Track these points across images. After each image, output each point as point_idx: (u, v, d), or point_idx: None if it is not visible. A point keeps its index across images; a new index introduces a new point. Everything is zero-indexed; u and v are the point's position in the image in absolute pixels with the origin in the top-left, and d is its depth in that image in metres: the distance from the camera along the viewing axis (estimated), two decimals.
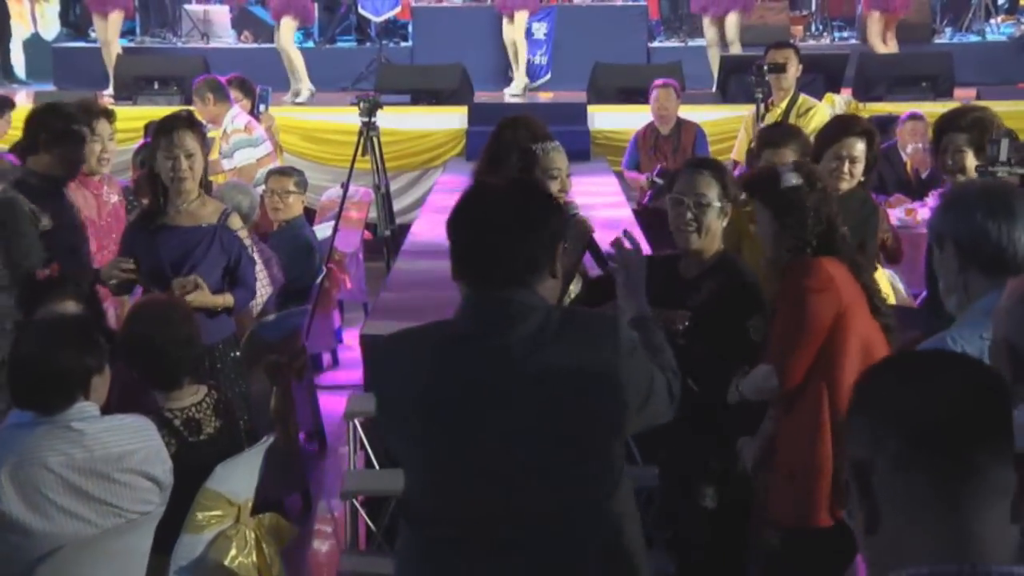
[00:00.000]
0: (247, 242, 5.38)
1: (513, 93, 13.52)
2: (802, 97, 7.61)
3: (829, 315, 3.78)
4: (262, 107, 9.30)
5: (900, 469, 1.59)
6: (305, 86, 12.66)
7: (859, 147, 5.08)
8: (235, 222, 5.27)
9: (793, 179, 3.92)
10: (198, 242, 5.07)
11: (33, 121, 5.38)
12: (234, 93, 9.17)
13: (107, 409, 3.65)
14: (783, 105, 7.54)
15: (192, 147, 5.05)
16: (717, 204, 4.11)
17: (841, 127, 5.24)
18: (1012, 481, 1.60)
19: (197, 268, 5.01)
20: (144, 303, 4.24)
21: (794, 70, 7.59)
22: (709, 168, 4.22)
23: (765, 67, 7.53)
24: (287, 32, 12.66)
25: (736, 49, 12.99)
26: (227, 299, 5.11)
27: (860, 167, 5.08)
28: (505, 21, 13.30)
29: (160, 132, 5.11)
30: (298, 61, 12.70)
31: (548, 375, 2.61)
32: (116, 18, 13.28)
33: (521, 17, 13.26)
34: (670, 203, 4.18)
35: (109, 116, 5.69)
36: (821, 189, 3.96)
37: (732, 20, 13.09)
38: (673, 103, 9.19)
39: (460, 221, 2.75)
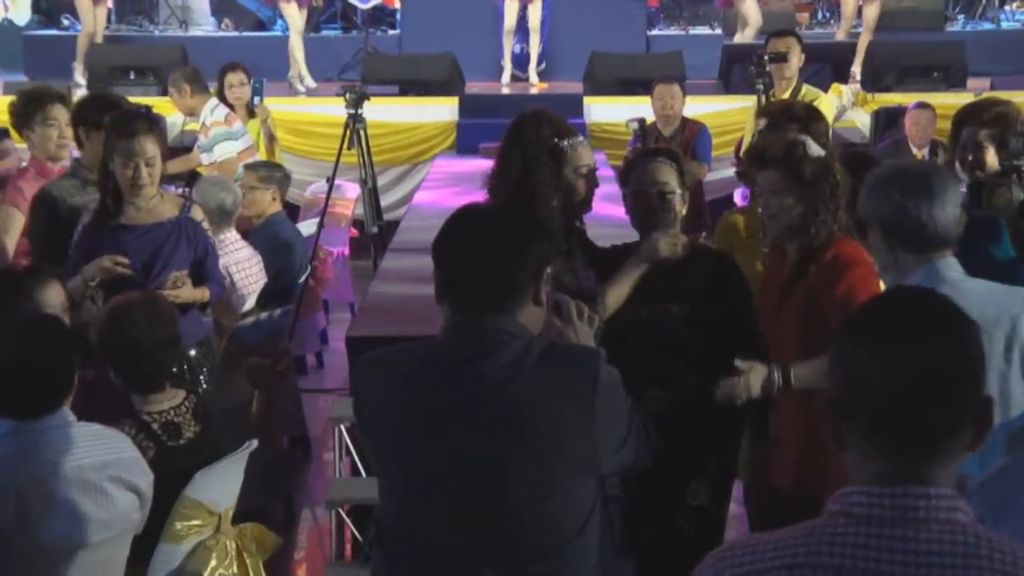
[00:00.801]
0: (210, 234, 5.38)
1: (533, 83, 13.54)
2: (805, 87, 7.61)
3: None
4: (257, 100, 9.24)
5: (866, 435, 1.85)
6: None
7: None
8: (197, 213, 5.25)
9: (817, 149, 3.96)
10: (165, 239, 5.01)
11: (75, 114, 5.48)
12: (237, 78, 9.12)
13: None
14: (786, 96, 7.53)
15: (152, 152, 4.92)
16: (679, 191, 4.18)
17: (774, 120, 5.18)
18: (967, 439, 1.85)
19: (169, 266, 4.96)
20: (127, 302, 4.19)
21: (796, 59, 7.58)
22: (666, 156, 4.28)
23: (766, 57, 7.53)
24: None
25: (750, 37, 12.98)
26: (204, 292, 5.08)
27: None
28: (509, 8, 13.27)
29: (118, 135, 4.93)
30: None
31: (523, 408, 2.66)
32: (102, 9, 13.28)
33: (537, 5, 13.25)
34: (632, 195, 4.22)
35: (64, 100, 5.67)
36: (837, 163, 4.01)
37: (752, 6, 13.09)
38: (678, 101, 8.59)
39: (443, 244, 2.82)
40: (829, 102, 7.53)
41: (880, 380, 1.82)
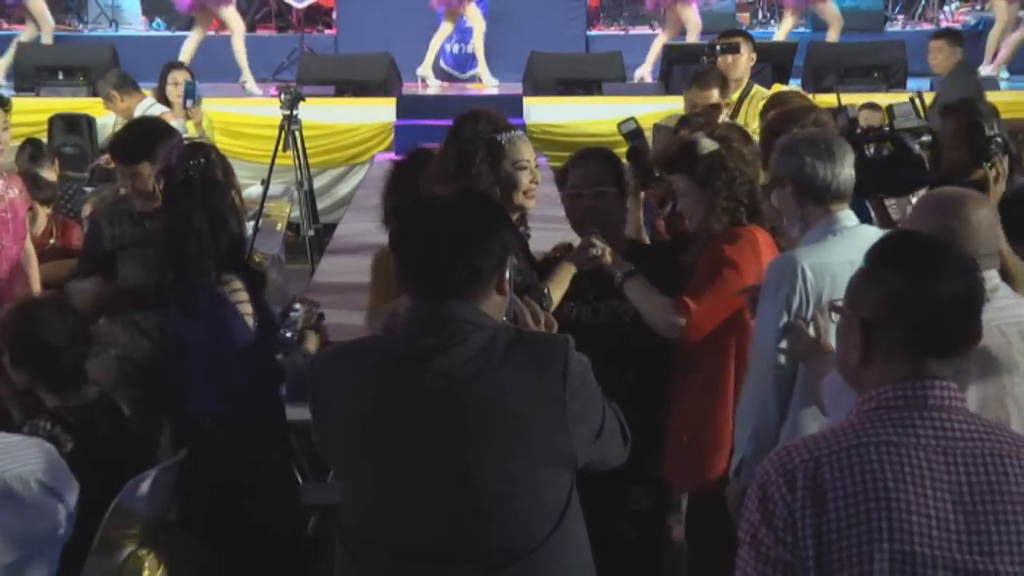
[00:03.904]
0: None
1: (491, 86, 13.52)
2: (756, 87, 7.60)
3: (748, 283, 3.95)
4: (189, 103, 9.05)
5: (893, 345, 2.28)
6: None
7: None
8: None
9: (709, 145, 4.11)
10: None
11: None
12: (182, 75, 8.99)
13: None
14: (735, 96, 7.53)
15: None
16: (613, 190, 4.23)
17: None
18: (967, 347, 2.32)
19: None
20: (29, 302, 4.12)
21: (747, 59, 7.59)
22: (602, 156, 4.33)
23: (718, 47, 7.55)
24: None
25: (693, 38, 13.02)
26: None
27: None
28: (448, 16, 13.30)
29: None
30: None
31: (490, 403, 2.63)
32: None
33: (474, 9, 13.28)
34: (568, 197, 4.26)
35: (4, 104, 5.58)
36: (737, 151, 4.14)
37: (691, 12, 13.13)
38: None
39: (404, 232, 2.79)
40: None
41: (912, 297, 2.26)
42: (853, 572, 2.17)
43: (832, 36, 13.30)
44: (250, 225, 8.41)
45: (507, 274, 2.77)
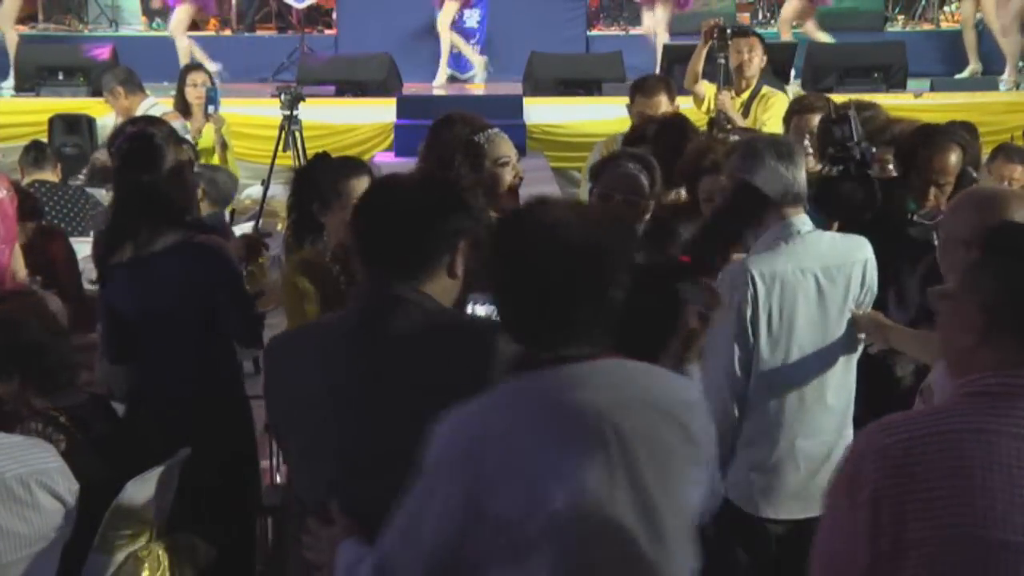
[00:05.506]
0: None
1: (437, 84, 13.52)
2: (765, 88, 7.58)
3: None
4: (211, 108, 8.93)
5: (1011, 330, 2.32)
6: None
7: None
8: None
9: None
10: None
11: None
12: (200, 77, 8.98)
13: None
14: (745, 96, 7.52)
15: None
16: (643, 201, 4.22)
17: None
18: None
19: None
20: (10, 307, 4.05)
21: (759, 60, 7.57)
22: (641, 162, 4.29)
23: (729, 30, 7.52)
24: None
25: (664, 39, 13.00)
26: None
27: None
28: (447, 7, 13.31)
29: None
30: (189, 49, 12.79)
31: (417, 381, 2.65)
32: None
33: (451, 7, 13.25)
34: (598, 197, 4.24)
35: None
36: None
37: (661, 11, 13.10)
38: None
39: (360, 211, 2.84)
40: (784, 101, 7.49)
41: None
42: (930, 551, 2.24)
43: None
44: (250, 225, 8.44)
45: (459, 259, 2.76)
